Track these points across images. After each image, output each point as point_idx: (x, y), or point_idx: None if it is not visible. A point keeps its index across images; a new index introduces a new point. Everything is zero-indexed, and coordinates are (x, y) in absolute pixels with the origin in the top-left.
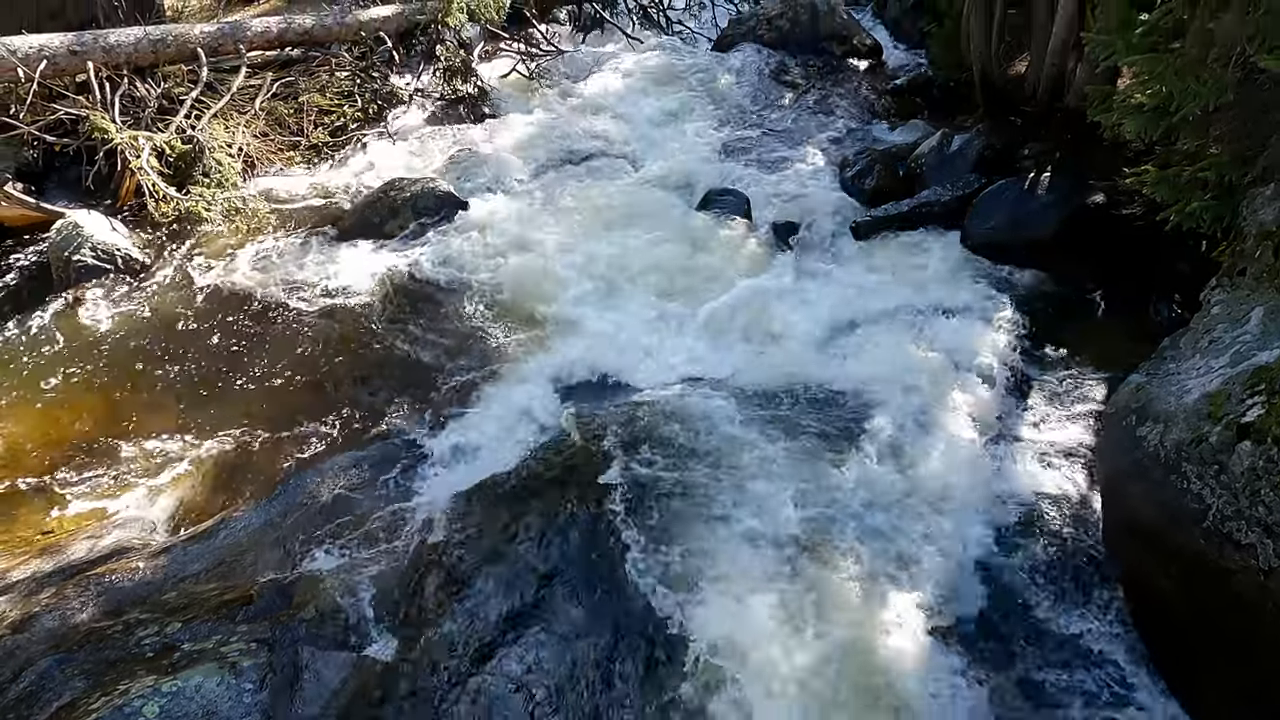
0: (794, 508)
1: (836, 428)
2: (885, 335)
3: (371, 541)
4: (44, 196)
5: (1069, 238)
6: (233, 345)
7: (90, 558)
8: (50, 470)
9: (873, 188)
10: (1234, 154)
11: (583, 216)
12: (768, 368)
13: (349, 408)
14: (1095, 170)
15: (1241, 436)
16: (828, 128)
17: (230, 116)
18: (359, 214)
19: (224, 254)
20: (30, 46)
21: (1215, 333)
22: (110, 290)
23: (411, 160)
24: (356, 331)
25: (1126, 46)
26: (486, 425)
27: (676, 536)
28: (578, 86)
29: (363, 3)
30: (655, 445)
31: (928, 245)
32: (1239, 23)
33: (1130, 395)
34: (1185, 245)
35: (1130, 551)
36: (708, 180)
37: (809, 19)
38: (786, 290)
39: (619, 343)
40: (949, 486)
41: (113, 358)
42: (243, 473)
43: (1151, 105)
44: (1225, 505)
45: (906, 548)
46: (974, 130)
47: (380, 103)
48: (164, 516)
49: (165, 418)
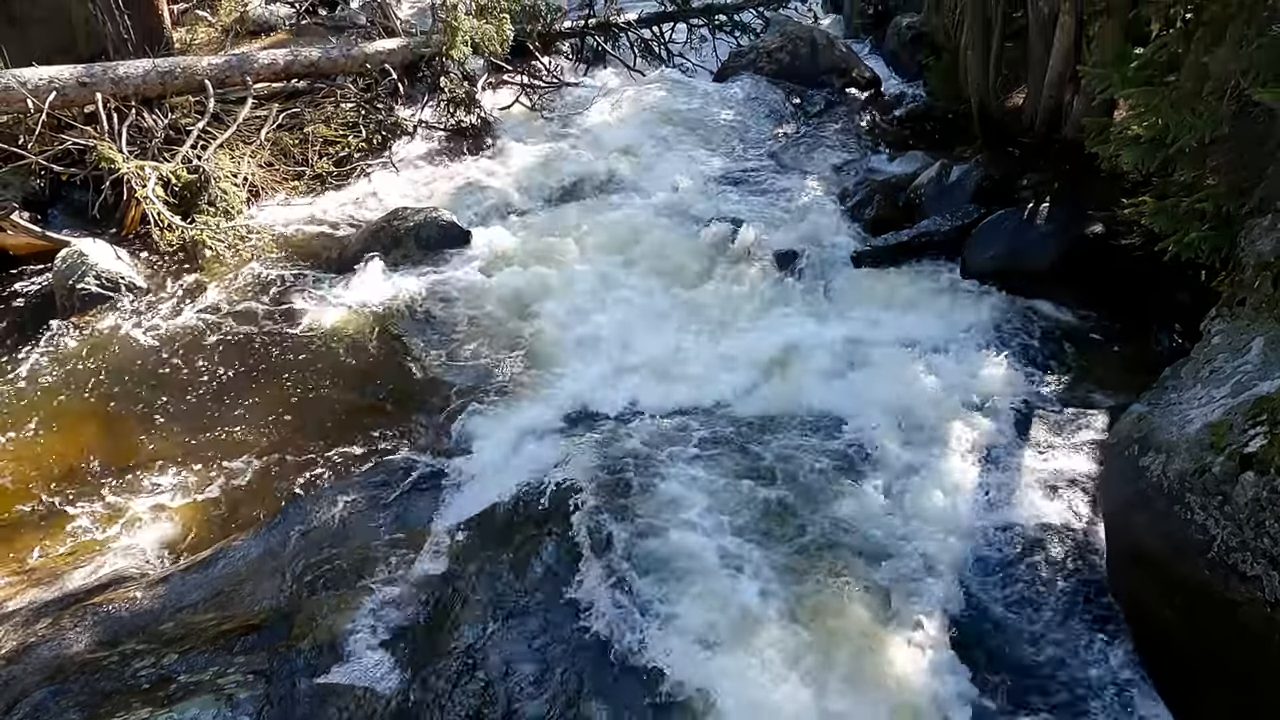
0: (794, 538)
1: (836, 456)
2: (885, 364)
3: (371, 571)
4: (50, 225)
5: (1068, 267)
6: (233, 373)
7: (87, 587)
8: (49, 498)
9: (872, 217)
10: (1231, 185)
11: (584, 246)
12: (768, 396)
13: (350, 436)
14: (1093, 201)
15: (1245, 467)
16: (827, 158)
17: (236, 146)
18: (362, 243)
19: (227, 282)
20: (40, 78)
21: (1216, 362)
22: (113, 318)
23: (415, 190)
24: (357, 360)
25: (1122, 80)
26: (486, 454)
27: (673, 569)
28: (580, 118)
29: (368, 35)
30: (653, 474)
31: (927, 275)
32: (1233, 57)
33: (1132, 425)
34: (1184, 275)
35: (1134, 582)
36: (709, 210)
37: (808, 52)
38: (787, 319)
39: (619, 371)
40: (950, 516)
41: (113, 385)
42: (242, 501)
43: (1148, 137)
44: (1230, 536)
45: (907, 578)
46: (973, 161)
47: (384, 133)
48: (162, 545)
49: (165, 445)
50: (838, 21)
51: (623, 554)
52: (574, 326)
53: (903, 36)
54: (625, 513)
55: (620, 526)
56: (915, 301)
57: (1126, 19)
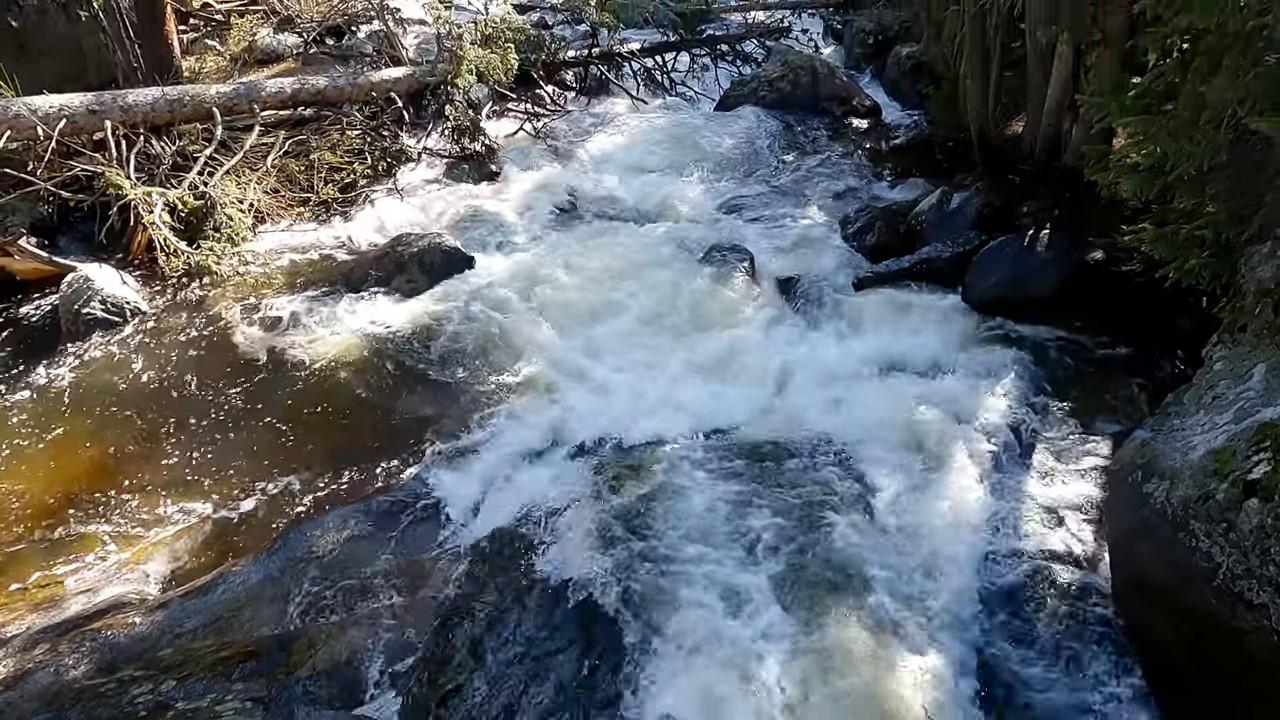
0: (795, 569)
1: (838, 483)
2: (888, 390)
3: (372, 597)
4: (57, 250)
5: (1070, 294)
6: (236, 398)
7: (86, 612)
8: (48, 523)
9: (874, 244)
10: (1230, 212)
11: (587, 272)
12: (770, 422)
13: (351, 461)
14: (1094, 227)
15: (1249, 494)
16: (829, 186)
17: (242, 173)
18: (366, 269)
19: (232, 307)
20: (51, 106)
21: (1219, 389)
22: (117, 343)
23: (419, 216)
24: (360, 385)
25: (1120, 108)
26: (487, 480)
27: (671, 601)
28: (583, 145)
29: (375, 64)
30: (652, 502)
31: (929, 301)
32: (1230, 86)
33: (1135, 451)
34: (1185, 301)
35: (1140, 611)
36: (711, 236)
37: (809, 81)
38: (789, 345)
39: (622, 396)
40: (953, 544)
41: (115, 410)
42: (242, 526)
43: (1147, 165)
44: (1235, 564)
45: (909, 607)
46: (973, 188)
47: (389, 160)
48: (162, 570)
49: (166, 470)
50: (838, 51)
51: (622, 584)
52: (575, 354)
53: (903, 66)
54: (624, 542)
55: (619, 556)
56: (917, 327)
57: (1124, 49)
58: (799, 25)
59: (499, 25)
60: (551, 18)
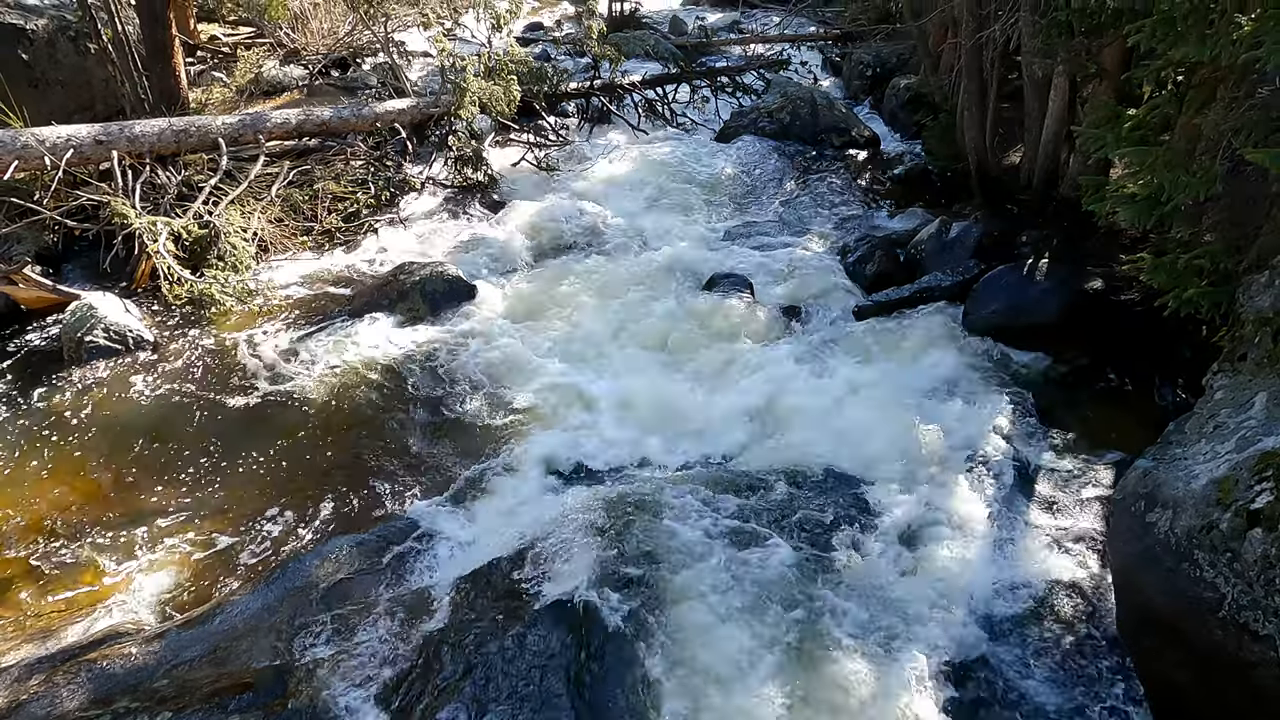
0: (796, 598)
1: (841, 512)
2: (890, 419)
3: (370, 629)
4: (61, 279)
5: (1069, 322)
6: (235, 427)
7: (82, 643)
8: (45, 551)
9: (874, 273)
10: (1227, 242)
11: (589, 300)
12: (771, 449)
13: (350, 491)
14: (1092, 257)
15: (1252, 523)
16: (828, 215)
17: (247, 203)
18: (369, 297)
19: (234, 336)
20: (59, 137)
21: (1220, 417)
22: (119, 371)
23: (422, 245)
24: (360, 414)
25: (1116, 140)
26: (487, 510)
27: (673, 634)
28: (585, 175)
29: (379, 96)
30: (652, 533)
31: (930, 329)
32: (1224, 118)
33: (1138, 480)
34: (1185, 329)
35: (1147, 642)
36: (712, 265)
37: (809, 112)
38: (790, 373)
39: (621, 426)
40: (957, 573)
41: (114, 438)
42: (241, 556)
43: (1144, 195)
44: (1240, 595)
45: (916, 639)
46: (972, 218)
47: (393, 190)
48: (159, 600)
49: (164, 499)
50: (837, 83)
51: (620, 618)
52: (576, 382)
53: (901, 97)
54: (623, 575)
55: (618, 590)
56: (918, 356)
57: (1119, 81)
58: (798, 58)
59: (502, 58)
60: (554, 50)
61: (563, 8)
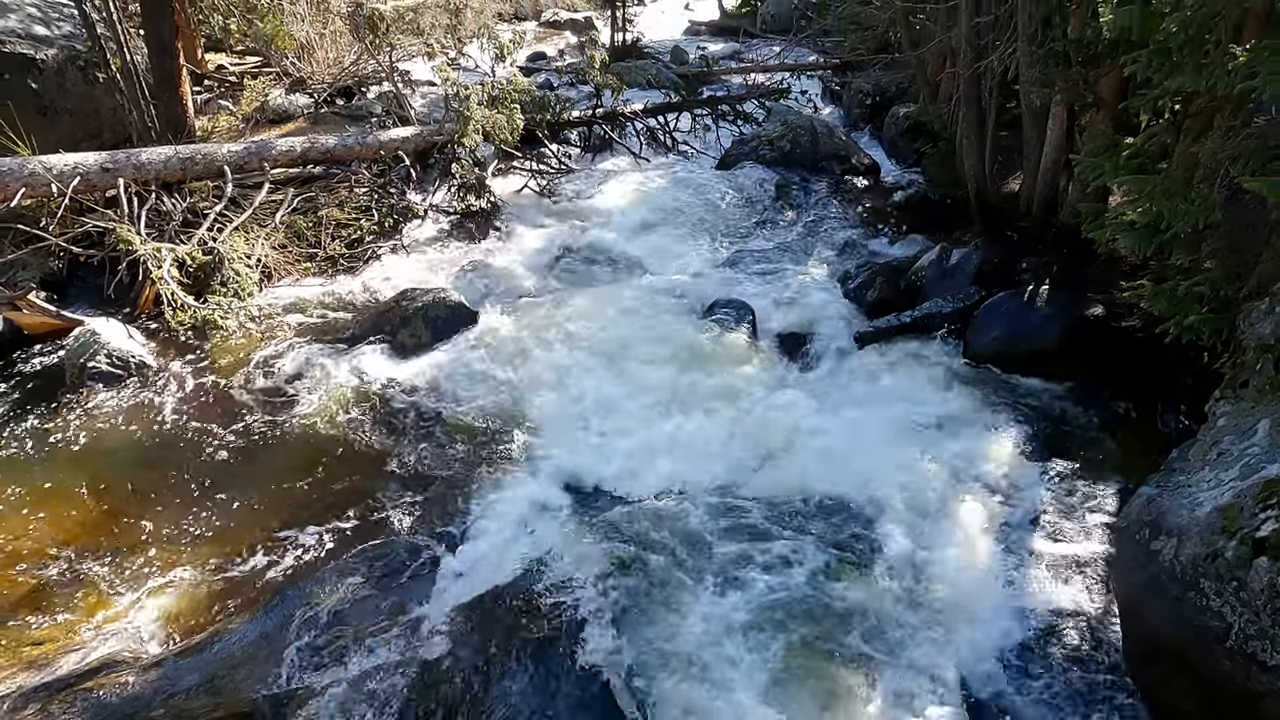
0: (802, 631)
1: (843, 541)
2: (891, 445)
3: (369, 656)
4: (65, 304)
5: (1071, 349)
6: (235, 453)
7: (78, 671)
8: (42, 578)
9: (874, 299)
10: (1227, 269)
11: (590, 327)
12: (773, 476)
13: (349, 518)
14: (1093, 283)
15: (1258, 552)
16: (829, 242)
17: (251, 229)
18: (371, 323)
19: (235, 362)
20: (66, 164)
21: (1223, 444)
22: (120, 397)
23: (424, 271)
24: (360, 441)
25: (1114, 168)
26: (487, 537)
27: (672, 666)
28: (587, 202)
29: (384, 124)
30: (652, 562)
31: (931, 355)
32: (1221, 146)
33: (1142, 508)
34: (1187, 356)
35: (1153, 671)
36: (713, 291)
37: (809, 140)
38: (791, 399)
39: (622, 453)
40: (962, 604)
41: (113, 465)
42: (239, 583)
43: (1143, 223)
44: (1247, 624)
45: (920, 670)
46: (972, 245)
47: (396, 217)
48: (156, 627)
49: (163, 526)
50: (837, 112)
51: (620, 649)
52: (577, 410)
53: (900, 125)
54: (623, 605)
55: (618, 620)
56: (919, 382)
57: (1116, 110)
58: (798, 87)
59: (505, 87)
60: (556, 79)
61: (566, 37)
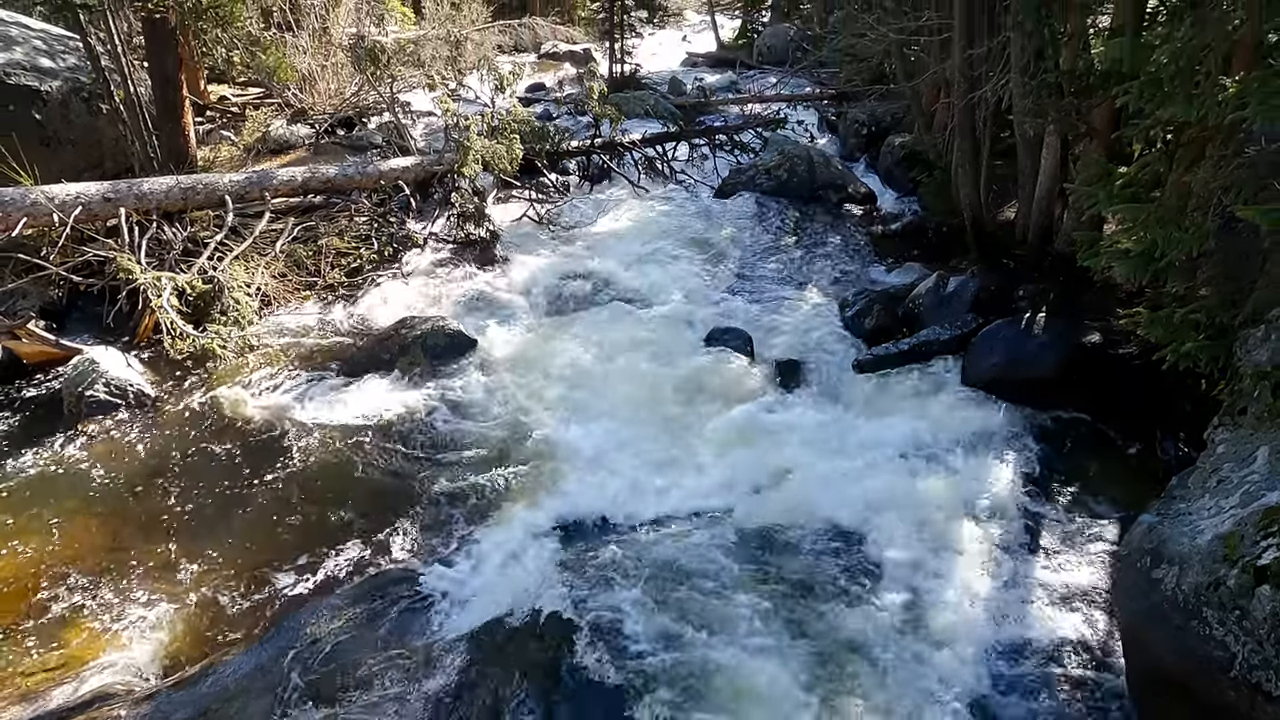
0: (803, 660)
1: (843, 569)
2: (890, 473)
3: (365, 689)
4: (65, 333)
5: (1068, 376)
6: (232, 482)
7: (70, 704)
8: (36, 608)
9: (872, 327)
10: (1222, 296)
11: (589, 355)
12: (772, 505)
13: (347, 548)
14: (1089, 310)
15: (1260, 580)
16: (826, 270)
17: (251, 258)
18: (370, 351)
19: (234, 390)
20: (68, 194)
21: (1223, 472)
22: (118, 426)
23: (423, 300)
24: (357, 469)
25: (1108, 197)
26: (486, 567)
27: (675, 693)
28: (585, 231)
29: (384, 154)
30: (654, 590)
31: (928, 382)
32: (1213, 175)
33: (1143, 536)
34: (1185, 383)
35: (1156, 701)
36: (711, 319)
37: (806, 169)
38: (790, 427)
39: (621, 482)
40: (963, 633)
41: (109, 494)
42: (235, 613)
43: (1138, 251)
44: (1251, 654)
45: (921, 699)
46: (969, 272)
47: (396, 246)
48: (150, 659)
49: (157, 555)
50: (833, 141)
51: (623, 679)
52: (575, 438)
53: (896, 154)
54: (625, 634)
55: (620, 649)
56: (916, 409)
57: (1109, 140)
58: (795, 117)
59: (505, 117)
60: (555, 110)
61: (565, 69)
